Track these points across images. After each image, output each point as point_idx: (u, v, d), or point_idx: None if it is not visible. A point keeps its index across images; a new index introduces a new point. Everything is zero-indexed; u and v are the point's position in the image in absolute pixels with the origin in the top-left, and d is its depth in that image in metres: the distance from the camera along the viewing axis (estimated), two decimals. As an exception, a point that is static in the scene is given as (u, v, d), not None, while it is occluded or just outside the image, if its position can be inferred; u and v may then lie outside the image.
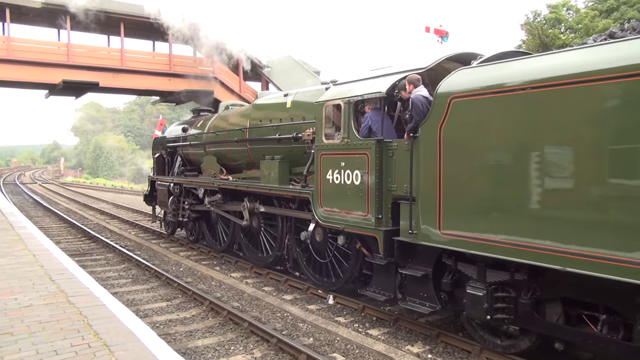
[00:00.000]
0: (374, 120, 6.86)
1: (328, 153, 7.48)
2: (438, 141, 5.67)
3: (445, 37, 17.66)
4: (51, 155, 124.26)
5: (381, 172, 6.66)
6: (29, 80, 19.23)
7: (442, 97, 5.64)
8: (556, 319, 5.23)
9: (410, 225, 6.18)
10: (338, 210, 7.34)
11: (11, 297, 5.84)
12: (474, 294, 5.55)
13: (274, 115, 9.75)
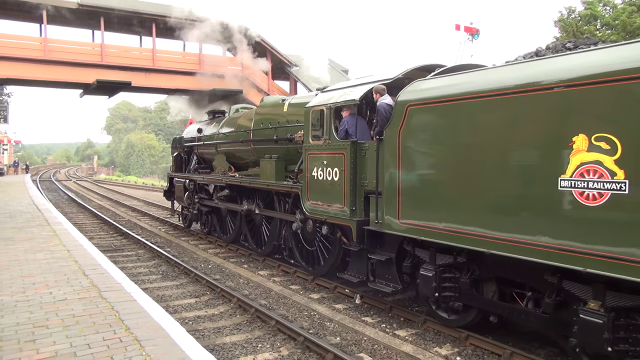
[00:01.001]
0: (349, 124, 7.73)
1: (314, 152, 8.44)
2: (397, 143, 6.58)
3: (476, 34, 17.33)
4: (85, 153, 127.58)
5: (355, 170, 7.56)
6: (64, 80, 19.77)
7: (401, 105, 6.57)
8: (492, 295, 6.19)
9: (377, 216, 7.12)
10: (321, 203, 8.30)
11: (46, 291, 6.01)
12: (426, 275, 6.48)
13: (273, 119, 10.67)
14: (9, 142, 57.72)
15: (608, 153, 4.48)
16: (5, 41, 18.55)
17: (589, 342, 4.84)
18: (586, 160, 4.66)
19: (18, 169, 57.26)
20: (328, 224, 8.40)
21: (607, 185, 4.50)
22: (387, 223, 6.80)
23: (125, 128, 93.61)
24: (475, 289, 6.32)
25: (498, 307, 6.12)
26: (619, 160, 4.40)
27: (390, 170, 6.72)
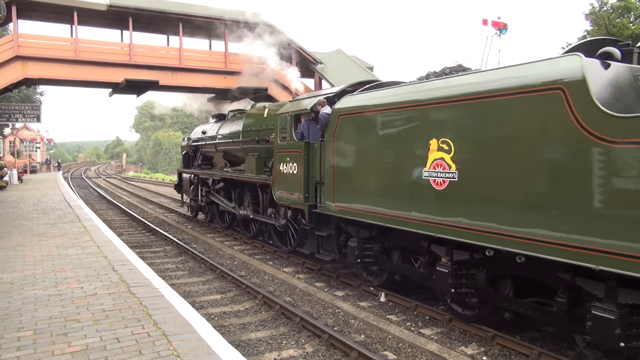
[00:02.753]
0: (304, 128, 9.63)
1: (281, 151, 10.28)
2: (332, 144, 8.50)
3: (504, 29, 16.99)
4: (114, 151, 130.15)
5: (308, 165, 9.42)
6: (94, 80, 20.18)
7: (334, 114, 8.47)
8: (396, 260, 8.16)
9: (321, 201, 9.06)
10: (286, 192, 10.14)
11: (77, 286, 6.16)
12: (352, 246, 8.39)
13: (256, 122, 12.56)
14: (41, 140, 59.30)
15: (447, 152, 6.27)
16: (38, 42, 19.05)
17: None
18: (436, 157, 6.45)
19: (50, 167, 58.84)
20: (292, 209, 10.20)
21: (447, 175, 6.27)
22: (327, 206, 8.72)
23: (153, 126, 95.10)
24: (386, 256, 8.26)
25: (402, 269, 8.11)
26: (452, 157, 6.20)
27: (328, 165, 8.66)
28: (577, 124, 4.83)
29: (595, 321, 4.89)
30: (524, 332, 6.93)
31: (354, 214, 8.01)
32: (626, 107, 4.85)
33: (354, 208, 7.99)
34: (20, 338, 4.46)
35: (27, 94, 38.71)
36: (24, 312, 5.19)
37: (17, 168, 34.53)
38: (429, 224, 6.49)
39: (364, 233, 8.25)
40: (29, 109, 27.18)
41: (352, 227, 8.46)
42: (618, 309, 4.76)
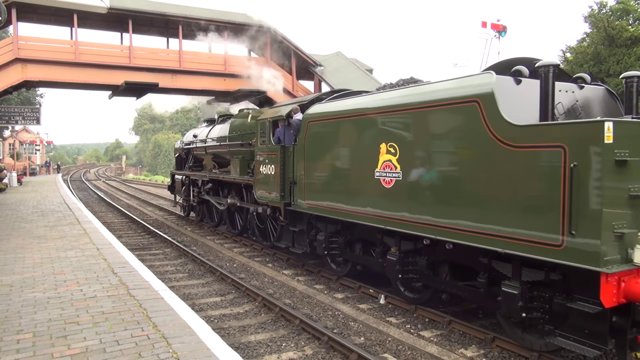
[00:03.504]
0: (281, 133, 10.50)
1: (261, 153, 11.17)
2: (303, 147, 9.53)
3: (503, 32, 17.03)
4: (114, 153, 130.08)
5: (284, 166, 10.29)
6: (94, 82, 20.16)
7: (305, 120, 9.51)
8: (358, 252, 9.04)
9: (294, 199, 9.92)
10: (265, 191, 11.01)
11: (77, 288, 6.16)
12: (320, 239, 9.47)
13: (241, 127, 13.33)
14: (41, 142, 59.28)
15: (394, 155, 7.23)
16: (38, 44, 19.05)
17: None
18: (385, 159, 7.41)
19: (50, 169, 58.82)
20: (271, 207, 10.99)
21: (394, 175, 7.24)
22: (299, 204, 9.73)
23: (152, 128, 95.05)
24: (350, 248, 9.19)
25: (362, 259, 9.03)
26: (398, 159, 7.17)
27: (300, 166, 9.66)
28: (489, 131, 5.78)
29: (504, 296, 5.81)
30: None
31: (322, 210, 9.07)
32: (533, 116, 5.70)
33: (322, 205, 9.05)
34: (19, 341, 4.46)
35: (27, 96, 38.72)
36: (24, 314, 5.19)
37: (17, 170, 34.52)
38: (381, 218, 7.54)
39: (330, 228, 9.28)
40: (28, 112, 27.18)
41: (320, 222, 9.52)
42: (521, 286, 5.66)
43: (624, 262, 4.99)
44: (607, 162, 4.83)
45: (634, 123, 5.39)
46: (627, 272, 4.98)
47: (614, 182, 4.94)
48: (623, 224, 5.00)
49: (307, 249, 10.07)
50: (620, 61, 23.12)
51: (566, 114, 6.29)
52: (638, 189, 5.08)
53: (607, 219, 4.87)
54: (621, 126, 4.97)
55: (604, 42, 23.97)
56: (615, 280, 4.94)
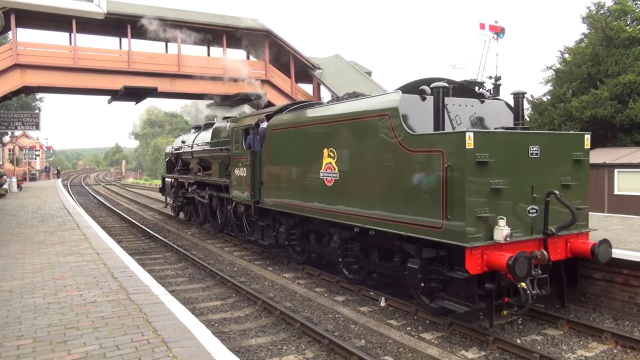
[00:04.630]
0: (251, 139, 11.86)
1: (235, 158, 12.62)
2: (267, 152, 11.05)
3: (501, 33, 17.05)
4: (114, 158, 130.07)
5: (253, 169, 11.66)
6: (93, 87, 20.18)
7: (269, 128, 11.05)
8: (312, 242, 10.50)
9: (261, 198, 11.45)
10: (239, 191, 12.41)
11: (77, 293, 6.15)
12: (281, 232, 10.90)
13: (222, 134, 14.37)
14: (41, 148, 59.31)
15: (333, 158, 8.70)
16: (37, 50, 19.07)
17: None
18: (327, 162, 8.86)
19: (50, 174, 58.81)
20: (244, 205, 12.55)
21: (333, 175, 8.73)
22: (265, 202, 11.29)
23: (152, 133, 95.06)
24: (306, 238, 10.63)
25: (315, 249, 10.44)
26: (336, 162, 8.64)
27: (265, 168, 11.21)
28: (395, 138, 7.22)
29: (409, 270, 7.21)
30: (524, 335, 6.93)
31: (282, 206, 10.59)
32: (432, 126, 7.09)
33: (282, 202, 10.58)
34: (19, 346, 4.45)
35: (26, 101, 38.75)
36: (24, 320, 5.18)
37: (17, 176, 34.52)
38: (325, 212, 9.05)
39: (290, 221, 10.68)
40: (27, 117, 27.20)
41: (282, 217, 10.93)
42: (421, 262, 7.02)
43: (487, 239, 6.35)
44: (469, 163, 6.22)
45: (492, 133, 6.92)
46: (490, 247, 6.36)
47: (476, 178, 6.29)
48: (485, 209, 6.35)
49: (272, 241, 11.47)
50: (618, 61, 23.13)
51: (465, 124, 7.75)
52: (497, 182, 6.44)
53: (470, 206, 6.24)
54: (480, 135, 6.36)
55: (602, 43, 23.98)
56: (479, 253, 6.31)
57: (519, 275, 6.06)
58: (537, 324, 7.37)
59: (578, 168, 7.38)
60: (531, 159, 6.80)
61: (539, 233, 6.86)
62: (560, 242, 7.13)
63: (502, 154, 6.52)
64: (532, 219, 6.81)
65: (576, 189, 7.34)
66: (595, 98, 22.24)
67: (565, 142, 7.39)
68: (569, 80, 24.88)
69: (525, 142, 6.81)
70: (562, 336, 6.89)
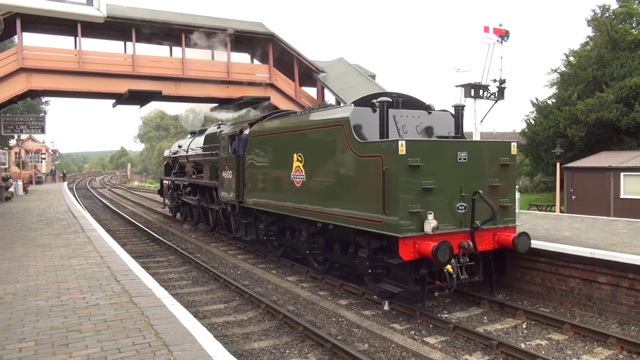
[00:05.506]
0: (236, 145, 13.07)
1: (223, 161, 13.77)
2: (249, 156, 12.22)
3: (506, 36, 16.98)
4: (119, 161, 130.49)
5: (238, 172, 12.82)
6: (98, 91, 20.24)
7: (250, 135, 12.31)
8: (287, 237, 11.44)
9: (244, 198, 12.61)
10: (226, 192, 13.58)
11: (80, 296, 6.16)
12: (261, 228, 11.96)
13: (213, 139, 15.22)
14: (46, 151, 59.58)
15: (300, 162, 9.79)
16: (42, 54, 19.16)
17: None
18: (296, 165, 9.95)
19: (55, 177, 59.06)
20: (230, 205, 13.57)
21: (301, 177, 9.81)
22: (247, 201, 12.45)
23: (157, 136, 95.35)
24: (282, 233, 11.61)
25: (290, 243, 11.38)
26: (303, 165, 9.74)
27: (247, 171, 12.42)
28: (348, 145, 8.34)
29: (359, 259, 8.30)
30: (529, 339, 6.88)
31: (261, 205, 11.74)
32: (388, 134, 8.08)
33: (261, 202, 11.75)
34: (22, 349, 4.45)
35: (32, 104, 38.95)
36: (26, 322, 5.19)
37: (23, 179, 34.67)
38: (295, 209, 10.17)
39: (268, 219, 11.73)
40: (33, 120, 27.31)
41: (262, 215, 12.01)
42: (369, 251, 8.05)
43: (419, 231, 7.34)
44: (402, 166, 7.26)
45: (423, 141, 8.21)
46: (420, 237, 7.36)
47: (408, 178, 7.32)
48: (417, 205, 7.35)
49: (254, 237, 12.51)
50: (624, 64, 23.03)
51: (411, 133, 8.88)
52: (427, 183, 7.42)
53: (403, 202, 7.28)
54: (412, 143, 7.42)
55: (608, 46, 23.90)
56: (411, 243, 7.32)
57: (441, 260, 7.05)
58: (542, 329, 7.32)
59: (505, 171, 8.36)
60: (459, 163, 7.78)
61: (467, 227, 7.81)
62: (488, 234, 8.10)
63: (432, 158, 7.55)
64: (461, 214, 7.80)
65: (503, 189, 8.33)
66: (600, 101, 22.14)
67: (492, 148, 8.45)
68: (574, 83, 24.79)
69: (454, 148, 7.83)
70: (567, 341, 6.84)
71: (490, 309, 8.27)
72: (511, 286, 9.23)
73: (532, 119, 28.34)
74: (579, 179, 19.15)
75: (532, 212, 15.67)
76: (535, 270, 8.82)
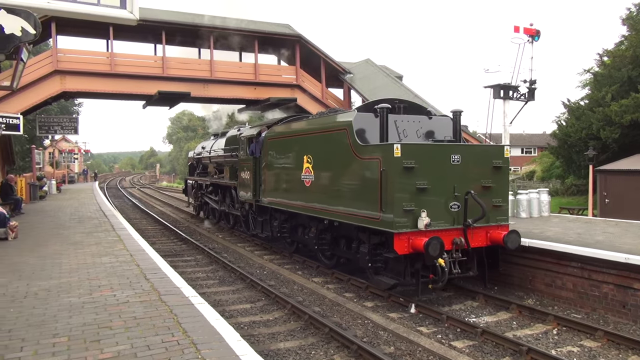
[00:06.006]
0: (254, 147, 13.88)
1: (242, 162, 14.63)
2: (265, 158, 12.99)
3: (537, 36, 16.63)
4: (148, 161, 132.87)
5: (255, 172, 13.62)
6: (129, 92, 20.64)
7: (265, 138, 13.13)
8: (299, 233, 12.18)
9: (260, 197, 13.36)
10: (244, 192, 14.50)
11: (111, 294, 6.29)
12: (275, 225, 12.71)
13: (234, 142, 16.03)
14: (79, 151, 61.12)
15: (310, 163, 10.50)
16: (76, 57, 19.66)
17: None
18: (306, 166, 10.66)
19: (87, 177, 60.52)
20: (247, 203, 14.51)
21: (310, 177, 10.49)
22: (263, 200, 13.22)
23: (185, 137, 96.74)
24: (294, 230, 12.31)
25: (301, 239, 12.14)
26: (312, 166, 10.43)
27: (263, 172, 13.20)
28: (351, 147, 9.05)
29: (361, 254, 9.11)
30: (560, 346, 6.72)
31: (275, 204, 12.47)
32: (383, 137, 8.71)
33: (275, 200, 12.48)
34: (55, 344, 4.57)
35: (65, 106, 40.00)
36: (60, 318, 5.32)
37: (56, 178, 35.64)
38: (305, 208, 10.85)
39: (282, 217, 12.49)
40: (67, 121, 28.07)
41: (276, 213, 12.74)
42: (369, 246, 8.80)
43: (413, 228, 7.99)
44: (398, 168, 7.91)
45: (417, 144, 8.91)
46: (414, 233, 7.97)
47: (404, 179, 7.97)
48: (411, 204, 8.00)
49: (269, 234, 13.30)
50: (660, 64, 22.29)
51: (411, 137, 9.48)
52: (421, 183, 8.05)
53: (398, 201, 7.93)
54: (406, 146, 8.07)
55: (644, 45, 23.16)
56: (405, 238, 7.94)
57: (432, 254, 7.64)
58: (574, 335, 7.14)
59: (498, 173, 8.90)
60: (453, 165, 8.37)
61: (460, 224, 8.38)
62: (481, 232, 8.66)
63: (426, 160, 8.17)
64: (455, 213, 8.39)
65: (496, 190, 8.86)
66: (636, 102, 21.46)
67: (486, 152, 9.12)
68: (608, 84, 24.11)
69: (448, 151, 8.43)
70: (600, 348, 6.65)
71: (520, 314, 8.11)
72: (541, 291, 9.03)
73: (564, 121, 27.69)
74: (613, 181, 18.62)
75: (563, 216, 15.31)
76: (566, 275, 8.61)
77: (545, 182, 32.40)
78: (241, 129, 16.11)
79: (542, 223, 12.23)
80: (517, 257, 9.42)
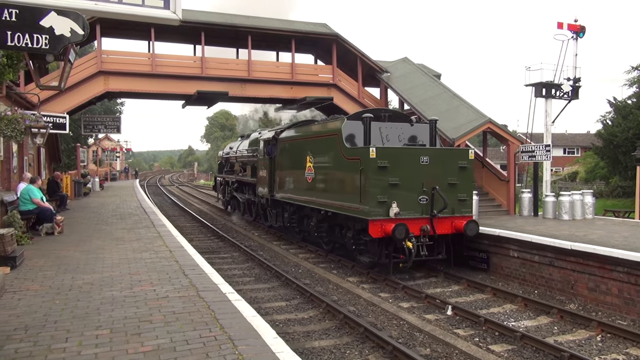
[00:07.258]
0: (269, 148, 15.58)
1: (261, 162, 16.63)
2: (278, 158, 15.19)
3: (581, 32, 16.09)
4: (186, 160, 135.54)
5: (271, 171, 15.52)
6: (169, 92, 21.11)
7: (278, 140, 15.27)
8: (305, 224, 13.65)
9: (274, 192, 15.32)
10: (262, 188, 16.43)
11: (151, 288, 6.44)
12: (285, 217, 14.79)
13: (256, 143, 17.78)
14: (121, 150, 62.93)
15: (311, 162, 12.48)
16: (119, 57, 20.27)
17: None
18: (309, 164, 12.58)
19: (128, 175, 62.27)
20: (265, 198, 16.25)
21: (312, 174, 12.48)
22: (276, 195, 15.17)
23: (222, 136, 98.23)
24: (301, 221, 13.94)
25: (306, 229, 13.44)
26: (313, 165, 12.42)
27: (277, 171, 15.19)
28: (340, 150, 10.90)
29: (347, 239, 11.03)
30: (603, 354, 6.48)
31: (286, 198, 14.36)
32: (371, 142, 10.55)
33: (285, 195, 14.41)
34: (98, 336, 4.71)
35: (109, 105, 41.26)
36: (102, 311, 5.49)
37: (99, 176, 36.82)
38: (309, 201, 12.65)
39: (291, 209, 14.38)
40: (110, 121, 28.91)
41: (287, 206, 14.62)
42: (353, 232, 10.63)
43: (385, 216, 9.81)
44: (373, 167, 9.77)
45: (390, 148, 10.45)
46: (386, 220, 9.80)
47: (378, 176, 9.83)
48: (385, 197, 9.82)
49: (281, 224, 15.39)
50: None
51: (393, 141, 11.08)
52: (393, 179, 9.86)
53: (373, 194, 9.78)
54: (381, 149, 9.96)
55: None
56: (378, 224, 9.78)
57: (398, 237, 9.41)
58: (619, 342, 6.88)
59: (463, 172, 10.67)
60: (422, 165, 10.19)
61: (428, 214, 10.19)
62: (447, 221, 10.41)
63: (398, 161, 10.03)
64: (423, 205, 10.20)
65: (461, 186, 10.58)
66: (687, 100, 20.48)
67: (452, 154, 10.89)
68: (657, 82, 23.09)
69: (418, 153, 10.32)
70: (648, 357, 6.38)
71: (561, 319, 7.90)
72: (584, 296, 8.75)
73: (610, 120, 26.69)
74: (662, 184, 17.82)
75: (608, 219, 14.76)
76: (611, 280, 8.30)
77: (589, 183, 31.31)
78: (261, 132, 18.06)
79: (586, 226, 11.83)
80: (559, 260, 9.15)
